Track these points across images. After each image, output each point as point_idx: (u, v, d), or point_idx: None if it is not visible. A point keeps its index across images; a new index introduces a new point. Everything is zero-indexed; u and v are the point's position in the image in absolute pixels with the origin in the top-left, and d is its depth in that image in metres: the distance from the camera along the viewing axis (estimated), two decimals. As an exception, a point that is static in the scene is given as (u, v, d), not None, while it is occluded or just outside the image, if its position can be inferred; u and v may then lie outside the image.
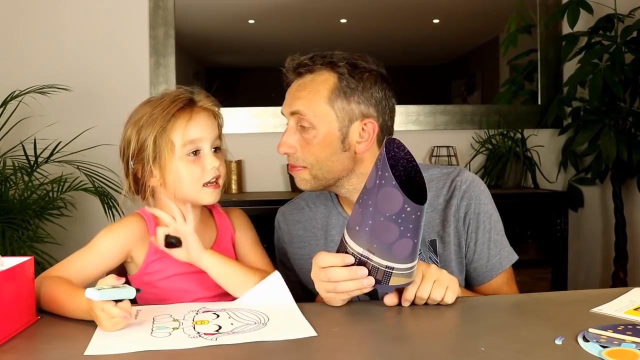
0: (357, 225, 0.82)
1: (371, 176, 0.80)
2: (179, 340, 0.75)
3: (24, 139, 2.04)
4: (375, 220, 0.79)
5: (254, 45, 2.40)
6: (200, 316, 0.86)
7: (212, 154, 1.01)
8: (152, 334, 0.77)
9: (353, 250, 0.84)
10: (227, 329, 0.79)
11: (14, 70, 2.23)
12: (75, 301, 0.85)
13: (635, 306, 0.84)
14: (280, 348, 0.72)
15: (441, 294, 0.88)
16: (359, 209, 0.82)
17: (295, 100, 1.04)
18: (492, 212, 1.09)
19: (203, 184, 1.00)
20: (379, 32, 2.42)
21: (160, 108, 1.00)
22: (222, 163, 1.03)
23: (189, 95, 1.03)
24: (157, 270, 1.02)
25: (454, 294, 0.89)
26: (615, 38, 2.13)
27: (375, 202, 0.78)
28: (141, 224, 1.04)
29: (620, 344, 0.68)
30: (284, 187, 2.34)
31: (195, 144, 1.00)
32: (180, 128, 0.99)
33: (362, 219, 0.81)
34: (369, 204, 0.79)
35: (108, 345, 0.73)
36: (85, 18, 2.29)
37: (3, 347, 0.75)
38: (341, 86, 1.02)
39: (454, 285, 0.90)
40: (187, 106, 1.01)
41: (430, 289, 0.87)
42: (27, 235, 1.86)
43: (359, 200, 0.82)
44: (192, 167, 1.00)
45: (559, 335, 0.71)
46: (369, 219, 0.80)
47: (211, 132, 1.02)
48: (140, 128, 1.01)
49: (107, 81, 2.29)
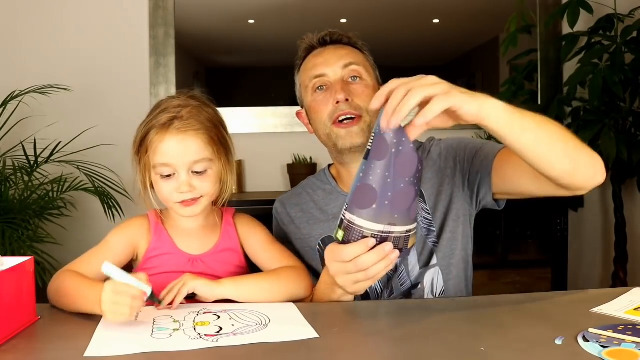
0: (374, 204, 0.79)
1: (378, 149, 0.78)
2: (179, 342, 0.74)
3: (24, 139, 2.04)
4: (396, 189, 0.78)
5: (254, 45, 2.40)
6: (200, 317, 0.86)
7: (187, 178, 0.97)
8: (153, 335, 0.77)
9: (372, 231, 0.80)
10: (228, 330, 0.79)
11: (14, 70, 2.23)
12: (85, 292, 0.87)
13: (635, 306, 0.84)
14: (281, 348, 0.72)
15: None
16: (372, 186, 0.78)
17: (344, 56, 1.13)
18: (459, 139, 1.16)
19: (174, 202, 1.00)
20: (379, 32, 2.42)
21: (149, 118, 1.00)
22: (207, 180, 1.00)
23: (174, 112, 0.98)
24: (155, 265, 1.03)
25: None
26: (615, 38, 2.13)
27: (394, 171, 0.77)
28: (144, 222, 1.07)
29: (620, 344, 0.68)
30: (284, 187, 2.34)
31: (166, 167, 0.97)
32: (153, 148, 0.98)
33: (380, 194, 0.78)
34: (386, 175, 0.77)
35: (108, 346, 0.73)
36: (85, 18, 2.29)
37: (3, 347, 0.75)
38: (364, 54, 1.19)
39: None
40: (168, 124, 0.97)
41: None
42: (27, 235, 1.86)
43: (368, 178, 0.79)
44: (162, 185, 0.99)
45: (559, 335, 0.71)
46: (389, 191, 0.78)
47: (185, 157, 0.97)
48: (139, 130, 1.02)
49: (107, 81, 2.29)
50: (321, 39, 1.17)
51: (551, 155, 0.83)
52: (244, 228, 1.10)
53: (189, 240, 1.05)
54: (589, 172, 0.88)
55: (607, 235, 2.43)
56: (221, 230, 1.08)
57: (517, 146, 0.82)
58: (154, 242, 1.04)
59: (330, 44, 1.17)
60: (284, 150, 2.31)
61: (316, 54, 1.17)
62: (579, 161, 0.86)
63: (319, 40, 1.18)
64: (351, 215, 0.81)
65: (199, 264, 1.03)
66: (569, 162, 0.85)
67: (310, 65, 1.16)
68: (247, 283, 0.98)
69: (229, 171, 1.04)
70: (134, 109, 2.28)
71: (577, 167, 0.86)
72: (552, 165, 0.84)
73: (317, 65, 1.14)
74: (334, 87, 1.11)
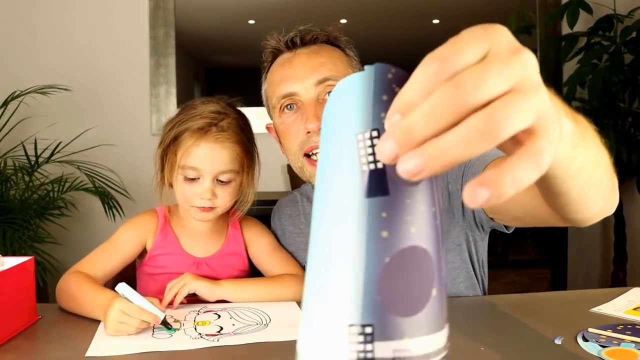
0: (432, 289, 0.33)
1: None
2: (180, 341, 0.75)
3: (24, 139, 2.04)
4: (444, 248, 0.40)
5: (255, 46, 2.39)
6: (201, 317, 0.86)
7: (211, 185, 0.97)
8: (153, 335, 0.78)
9: (438, 356, 0.36)
10: (228, 330, 0.79)
11: (14, 71, 2.23)
12: (91, 298, 0.86)
13: (635, 306, 0.84)
14: (281, 348, 0.72)
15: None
16: (422, 249, 0.33)
17: (318, 67, 0.92)
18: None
19: (191, 205, 0.99)
20: (379, 32, 2.42)
21: (183, 119, 0.99)
22: (227, 193, 0.99)
23: (213, 119, 0.98)
24: (159, 265, 1.04)
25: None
26: (615, 38, 2.14)
27: (439, 210, 0.36)
28: (154, 219, 1.06)
29: (620, 344, 0.69)
30: (284, 187, 2.34)
31: (194, 171, 0.97)
32: (184, 149, 0.97)
33: (437, 262, 0.34)
34: (433, 213, 0.34)
35: (109, 346, 0.74)
36: (86, 18, 2.29)
37: (3, 346, 0.75)
38: (348, 55, 0.98)
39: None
40: (205, 130, 0.96)
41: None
42: (27, 235, 1.86)
43: (406, 234, 0.32)
44: (185, 187, 0.98)
45: (559, 335, 0.71)
46: (442, 252, 0.37)
47: (215, 166, 0.96)
48: (170, 126, 1.01)
49: (108, 81, 2.30)
50: (289, 41, 0.96)
51: (590, 200, 0.57)
52: (249, 233, 1.10)
53: (195, 242, 1.05)
54: (609, 211, 0.65)
55: (607, 235, 2.43)
56: (227, 234, 1.08)
57: (561, 188, 0.50)
58: (159, 240, 1.04)
59: (302, 46, 0.96)
60: (284, 151, 2.31)
61: (283, 62, 0.97)
62: (608, 200, 0.62)
63: (286, 43, 0.97)
64: (401, 342, 0.32)
65: (204, 267, 1.03)
66: (601, 204, 0.60)
67: (277, 78, 0.96)
68: (246, 287, 0.98)
69: (251, 184, 1.03)
70: (135, 109, 2.29)
71: (604, 208, 0.63)
72: (586, 207, 0.58)
73: (285, 79, 0.94)
74: (305, 109, 0.92)
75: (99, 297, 0.85)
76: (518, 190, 0.28)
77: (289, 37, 0.96)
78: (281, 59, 0.97)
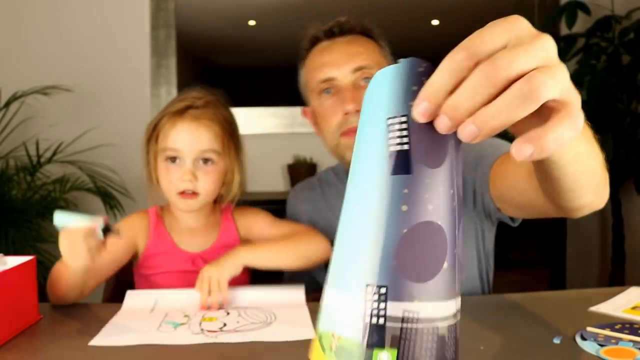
0: (444, 261, 0.37)
1: (426, 148, 0.37)
2: (181, 336, 0.76)
3: (26, 139, 2.05)
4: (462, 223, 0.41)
5: (255, 47, 2.40)
6: (210, 313, 0.87)
7: (191, 166, 0.97)
8: (159, 329, 0.79)
9: (448, 319, 0.39)
10: (230, 327, 0.80)
11: (16, 71, 2.24)
12: (57, 266, 0.88)
13: (633, 305, 0.85)
14: (281, 348, 0.73)
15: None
16: (435, 224, 0.36)
17: (355, 56, 0.99)
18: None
19: (175, 192, 0.98)
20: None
21: (166, 106, 1.02)
22: (210, 176, 0.98)
23: (190, 102, 0.99)
24: (153, 265, 1.04)
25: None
26: (613, 39, 2.14)
27: (458, 191, 0.39)
28: (144, 220, 1.06)
29: (618, 343, 0.69)
30: (283, 187, 2.35)
31: (173, 152, 0.97)
32: (163, 133, 0.98)
33: (450, 237, 0.37)
34: (451, 194, 0.37)
35: (113, 336, 0.75)
36: (87, 19, 2.30)
37: (5, 346, 0.75)
38: (381, 46, 1.05)
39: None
40: (183, 111, 0.98)
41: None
42: (29, 235, 1.87)
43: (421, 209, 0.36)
44: (167, 172, 0.98)
45: (557, 334, 0.72)
46: (458, 228, 0.39)
47: (193, 145, 0.97)
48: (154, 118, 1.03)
49: (109, 82, 2.30)
50: (328, 30, 1.03)
51: (582, 189, 0.60)
52: (243, 221, 1.10)
53: (189, 238, 1.06)
54: (599, 205, 0.68)
55: (605, 234, 2.44)
56: (220, 227, 1.08)
57: (556, 174, 0.54)
58: (153, 241, 1.04)
59: (340, 35, 1.03)
60: (284, 151, 2.32)
61: (322, 49, 1.03)
62: (598, 193, 0.65)
63: (325, 32, 1.04)
64: (411, 304, 0.36)
65: (199, 262, 1.03)
66: (592, 196, 0.63)
67: (316, 64, 1.03)
68: (263, 249, 0.98)
69: (237, 169, 1.04)
70: (136, 109, 2.30)
71: (594, 201, 0.65)
72: (578, 196, 0.61)
73: (324, 66, 1.00)
74: (343, 93, 0.98)
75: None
76: (558, 149, 0.34)
77: (328, 26, 1.03)
78: (320, 46, 1.04)
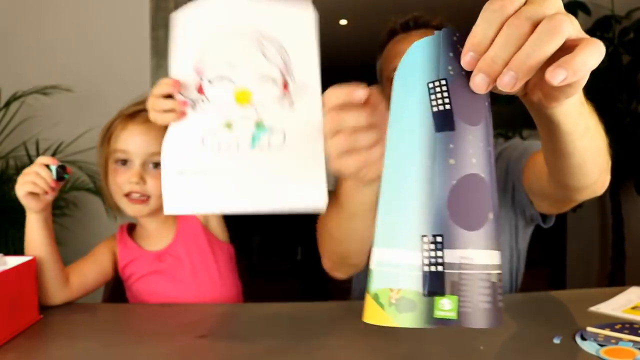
0: (489, 212, 0.40)
1: (466, 107, 0.40)
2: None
3: (26, 139, 2.05)
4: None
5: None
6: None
7: (140, 169, 0.96)
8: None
9: (495, 267, 0.40)
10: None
11: (16, 71, 2.24)
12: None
13: (633, 305, 0.85)
14: (280, 348, 0.73)
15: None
16: (479, 177, 0.39)
17: None
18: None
19: (121, 194, 0.98)
20: (379, 33, 2.43)
21: (122, 108, 1.02)
22: (160, 180, 0.97)
23: (145, 105, 0.97)
24: (129, 273, 1.05)
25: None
26: (613, 39, 2.14)
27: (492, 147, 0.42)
28: (115, 236, 1.08)
29: (618, 343, 0.69)
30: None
31: (123, 154, 0.97)
32: (115, 134, 0.99)
33: (492, 189, 0.40)
34: (489, 152, 0.40)
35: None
36: (87, 20, 2.30)
37: (5, 346, 0.75)
38: None
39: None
40: (135, 114, 0.98)
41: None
42: (29, 235, 1.87)
43: (466, 164, 0.39)
44: (115, 174, 0.98)
45: (557, 334, 0.72)
46: (494, 182, 0.41)
47: (141, 147, 0.96)
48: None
49: (109, 82, 2.30)
50: (404, 23, 1.07)
51: (587, 166, 0.63)
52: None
53: (154, 239, 1.06)
54: (599, 189, 0.73)
55: (605, 234, 2.44)
56: (177, 218, 1.07)
57: (569, 149, 0.58)
58: (121, 251, 1.05)
59: (415, 29, 1.06)
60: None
61: (398, 40, 1.06)
62: (601, 176, 0.69)
63: (402, 25, 1.07)
64: (465, 251, 0.38)
65: (167, 257, 1.03)
66: (595, 176, 0.67)
67: (391, 53, 1.06)
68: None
69: None
70: (135, 109, 2.30)
71: (597, 182, 0.70)
72: (584, 174, 0.65)
73: (399, 54, 0.98)
74: None
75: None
76: (586, 71, 0.39)
77: (404, 20, 1.07)
78: (396, 38, 1.07)
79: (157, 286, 1.03)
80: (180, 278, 1.02)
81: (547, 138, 0.58)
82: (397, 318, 0.37)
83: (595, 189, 0.71)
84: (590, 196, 0.74)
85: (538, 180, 0.85)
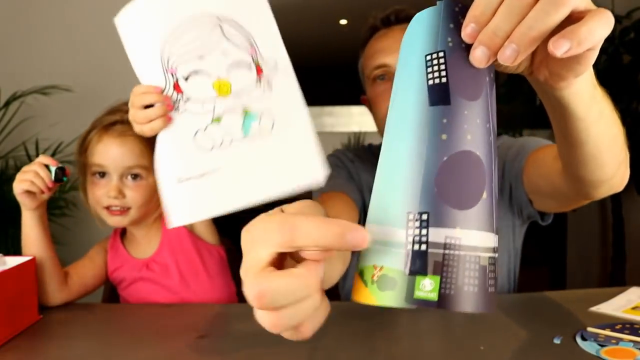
0: (483, 191, 0.37)
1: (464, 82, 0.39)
2: None
3: (26, 139, 2.05)
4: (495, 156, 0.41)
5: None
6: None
7: (118, 183, 0.95)
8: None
9: (488, 251, 0.38)
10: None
11: (16, 71, 2.24)
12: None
13: (633, 305, 0.85)
14: (280, 348, 0.73)
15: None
16: (473, 154, 0.37)
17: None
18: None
19: (101, 207, 0.98)
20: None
21: (96, 118, 1.01)
22: (139, 192, 0.96)
23: (120, 116, 0.97)
24: (118, 278, 1.05)
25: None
26: (613, 39, 2.14)
27: (493, 122, 0.40)
28: (107, 239, 1.08)
29: (618, 343, 0.69)
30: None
31: (100, 167, 0.96)
32: (90, 148, 0.97)
33: (487, 166, 0.38)
34: (487, 129, 0.38)
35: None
36: (86, 19, 2.30)
37: (5, 346, 0.75)
38: None
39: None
40: (110, 126, 0.97)
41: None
42: (29, 235, 1.87)
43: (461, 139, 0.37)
44: (94, 187, 0.97)
45: (557, 334, 0.72)
46: (494, 160, 0.39)
47: (119, 161, 0.95)
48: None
49: (109, 81, 2.30)
50: (385, 18, 1.02)
51: (603, 157, 0.60)
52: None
53: (142, 246, 1.05)
54: (618, 185, 0.67)
55: (605, 234, 2.44)
56: (162, 225, 1.05)
57: (582, 137, 0.55)
58: (111, 257, 1.06)
59: (396, 23, 1.02)
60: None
61: (379, 37, 1.02)
62: (619, 170, 0.65)
63: (382, 20, 1.03)
64: (453, 230, 0.36)
65: (154, 265, 1.03)
66: (612, 169, 0.63)
67: (371, 51, 1.02)
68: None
69: None
70: (135, 109, 2.30)
71: (614, 177, 0.65)
72: (599, 165, 0.61)
73: (378, 52, 0.99)
74: None
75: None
76: (593, 42, 0.35)
77: (385, 14, 1.03)
78: (377, 34, 1.03)
79: (146, 293, 1.03)
80: (169, 285, 1.02)
81: (558, 125, 0.55)
82: (377, 296, 0.36)
83: (613, 184, 0.66)
84: (607, 193, 0.68)
85: (546, 177, 0.81)
